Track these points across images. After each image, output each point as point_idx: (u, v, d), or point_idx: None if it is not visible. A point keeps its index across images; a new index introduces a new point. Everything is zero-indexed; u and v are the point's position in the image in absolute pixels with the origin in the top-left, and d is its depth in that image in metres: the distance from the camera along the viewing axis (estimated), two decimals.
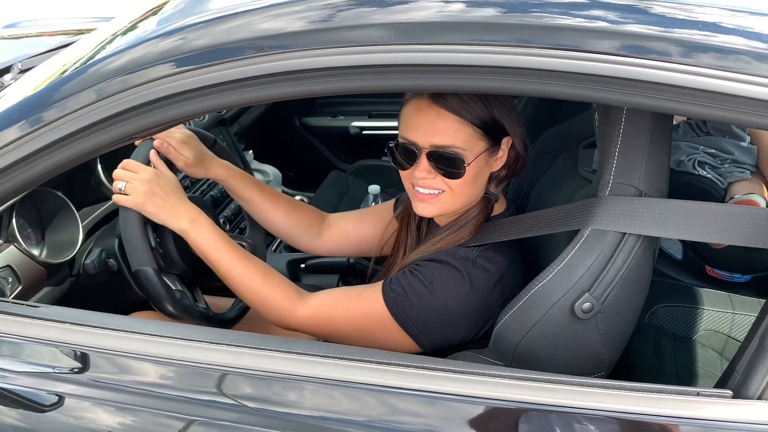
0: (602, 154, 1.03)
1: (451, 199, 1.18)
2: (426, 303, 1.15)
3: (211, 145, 1.58)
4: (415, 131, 1.13)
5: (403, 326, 1.16)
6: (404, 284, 1.16)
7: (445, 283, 1.15)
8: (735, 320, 1.61)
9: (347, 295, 1.24)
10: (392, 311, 1.16)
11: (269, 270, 1.27)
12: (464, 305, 1.15)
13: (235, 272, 1.24)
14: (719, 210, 0.95)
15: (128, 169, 1.27)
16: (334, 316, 1.21)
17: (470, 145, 1.13)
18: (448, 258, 1.17)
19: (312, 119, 3.11)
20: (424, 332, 1.16)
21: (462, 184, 1.15)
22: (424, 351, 1.18)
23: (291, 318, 1.22)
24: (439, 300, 1.14)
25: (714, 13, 0.83)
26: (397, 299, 1.16)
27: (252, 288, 1.24)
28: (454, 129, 1.11)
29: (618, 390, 0.88)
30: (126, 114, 0.98)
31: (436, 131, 1.11)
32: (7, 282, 1.39)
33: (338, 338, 1.21)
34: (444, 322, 1.15)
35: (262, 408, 0.95)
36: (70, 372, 1.02)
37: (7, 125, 1.04)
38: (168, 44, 0.96)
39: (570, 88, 0.85)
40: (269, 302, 1.23)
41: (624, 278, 1.01)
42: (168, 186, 1.27)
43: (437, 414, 0.91)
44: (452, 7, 0.87)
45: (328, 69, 0.90)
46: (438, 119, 1.11)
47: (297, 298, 1.23)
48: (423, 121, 1.12)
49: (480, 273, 1.16)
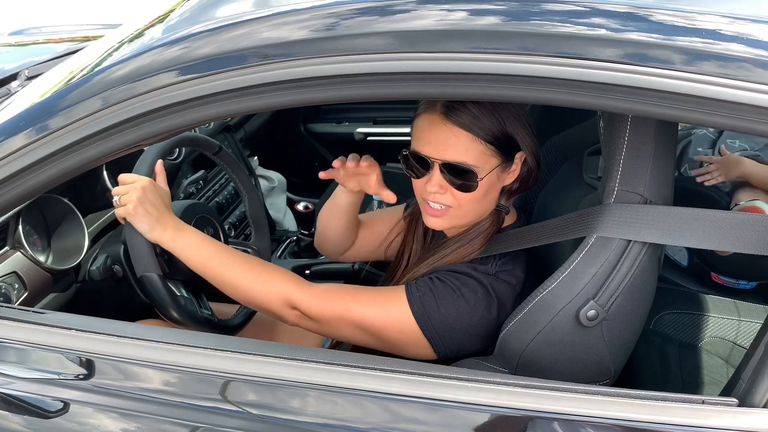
0: (607, 162, 1.03)
1: (461, 214, 1.17)
2: (454, 308, 1.13)
3: (217, 152, 1.59)
4: (427, 146, 1.13)
5: (423, 327, 1.13)
6: (431, 287, 1.14)
7: (472, 294, 1.14)
8: (741, 327, 1.60)
9: (362, 287, 1.22)
10: (415, 312, 1.13)
11: (264, 262, 1.27)
12: (489, 318, 1.14)
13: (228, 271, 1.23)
14: (724, 217, 0.95)
15: (124, 182, 1.30)
16: (344, 298, 1.17)
17: (482, 162, 1.12)
18: (471, 271, 1.16)
19: (317, 125, 3.12)
20: (443, 337, 1.14)
21: (471, 199, 1.15)
22: (434, 358, 1.16)
23: (296, 296, 1.18)
24: (465, 308, 1.13)
25: (715, 20, 0.83)
26: (423, 299, 1.14)
27: (249, 281, 1.22)
28: (466, 146, 1.10)
29: (622, 398, 0.87)
30: (131, 122, 0.98)
31: (448, 148, 1.11)
32: (13, 288, 1.39)
33: (345, 324, 1.17)
34: (467, 331, 1.14)
35: (265, 415, 0.95)
36: (76, 378, 1.03)
37: (15, 133, 1.05)
38: (173, 53, 0.97)
39: (573, 95, 0.85)
40: (270, 288, 1.20)
41: (629, 286, 1.00)
42: (160, 198, 1.29)
43: (441, 421, 0.91)
44: (455, 15, 0.87)
45: (332, 77, 0.90)
46: (450, 136, 1.10)
47: (301, 280, 1.21)
48: (435, 138, 1.12)
49: (503, 286, 1.16)
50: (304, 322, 1.20)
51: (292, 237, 2.31)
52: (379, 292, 1.20)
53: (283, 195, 2.73)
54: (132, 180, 1.29)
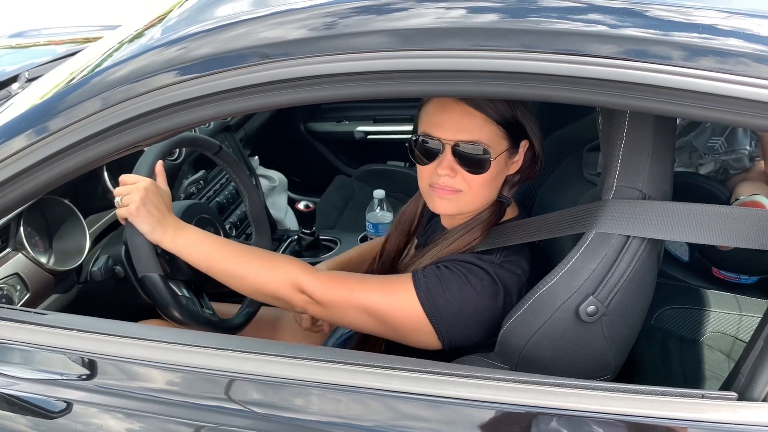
0: (606, 158, 1.04)
1: (471, 198, 1.18)
2: (460, 295, 1.13)
3: (217, 152, 1.59)
4: (440, 128, 1.14)
5: (428, 313, 1.13)
6: (438, 274, 1.15)
7: (478, 281, 1.14)
8: (742, 322, 1.60)
9: (368, 275, 1.22)
10: (421, 297, 1.13)
11: (268, 251, 1.28)
12: (495, 306, 1.14)
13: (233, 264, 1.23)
14: (724, 212, 0.95)
15: (125, 182, 1.30)
16: (351, 283, 1.18)
17: (494, 143, 1.13)
18: (476, 260, 1.17)
19: (317, 124, 3.13)
20: (448, 324, 1.14)
21: (482, 182, 1.15)
22: (438, 346, 1.16)
23: (304, 280, 1.18)
24: (471, 295, 1.13)
25: (712, 15, 0.84)
26: (430, 285, 1.14)
27: (255, 271, 1.22)
28: (480, 125, 1.12)
29: (622, 393, 0.88)
30: (131, 122, 0.99)
31: (462, 128, 1.12)
32: (15, 289, 1.40)
33: (352, 309, 1.17)
34: (472, 318, 1.14)
35: (268, 413, 0.95)
36: (78, 379, 1.03)
37: (15, 134, 1.05)
38: (171, 53, 0.97)
39: (571, 91, 0.85)
40: (278, 274, 1.20)
41: (628, 281, 1.01)
42: (161, 199, 1.29)
43: (442, 418, 0.92)
44: (453, 13, 0.87)
45: (331, 75, 0.90)
46: (465, 115, 1.12)
47: (308, 265, 1.21)
48: (449, 119, 1.13)
49: (508, 275, 1.16)
50: (311, 307, 1.20)
51: (293, 236, 2.31)
52: (386, 278, 1.21)
53: (284, 194, 2.73)
54: (133, 181, 1.29)
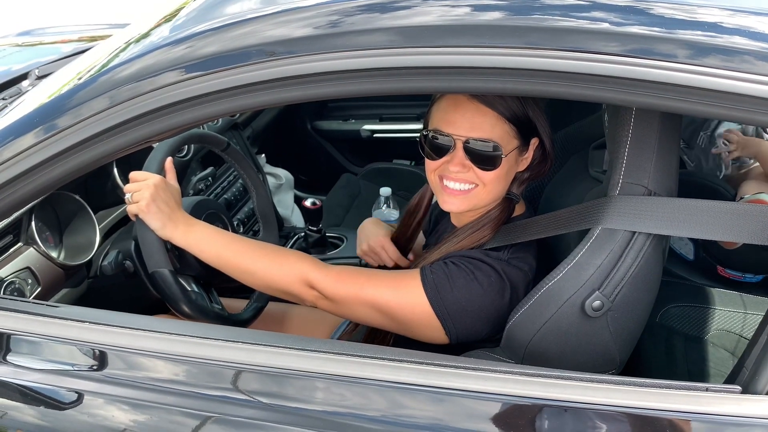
0: (612, 155, 1.04)
1: (484, 194, 1.18)
2: (467, 291, 1.14)
3: (225, 149, 1.61)
4: (452, 125, 1.14)
5: (436, 309, 1.14)
6: (446, 270, 1.16)
7: (485, 278, 1.15)
8: (746, 320, 1.61)
9: (377, 270, 1.23)
10: (429, 293, 1.14)
11: (278, 247, 1.29)
12: (501, 302, 1.15)
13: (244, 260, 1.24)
14: (729, 208, 0.96)
15: (135, 179, 1.31)
16: (359, 279, 1.19)
17: (505, 142, 1.14)
18: (484, 257, 1.17)
19: (323, 123, 3.14)
20: (455, 319, 1.14)
21: (494, 178, 1.16)
22: (446, 341, 1.17)
23: (314, 275, 1.19)
24: (478, 291, 1.14)
25: (716, 13, 0.84)
26: (437, 281, 1.15)
27: (266, 266, 1.23)
28: (492, 124, 1.13)
29: (627, 386, 0.88)
30: (138, 120, 1.00)
31: (474, 125, 1.13)
32: (26, 283, 1.42)
33: (360, 304, 1.18)
34: (479, 314, 1.15)
35: (276, 404, 0.97)
36: (89, 370, 1.04)
37: (25, 131, 1.06)
38: (178, 52, 0.98)
39: (577, 88, 0.86)
40: (288, 269, 1.21)
41: (634, 277, 1.01)
42: (171, 195, 1.30)
43: (449, 410, 0.92)
44: (459, 10, 0.88)
45: (337, 72, 0.91)
46: (477, 113, 1.12)
47: (317, 261, 1.23)
48: (461, 116, 1.13)
49: (516, 272, 1.17)
50: (321, 302, 1.21)
51: (300, 233, 2.33)
52: (394, 273, 1.22)
53: (291, 192, 2.74)
54: (144, 177, 1.30)
